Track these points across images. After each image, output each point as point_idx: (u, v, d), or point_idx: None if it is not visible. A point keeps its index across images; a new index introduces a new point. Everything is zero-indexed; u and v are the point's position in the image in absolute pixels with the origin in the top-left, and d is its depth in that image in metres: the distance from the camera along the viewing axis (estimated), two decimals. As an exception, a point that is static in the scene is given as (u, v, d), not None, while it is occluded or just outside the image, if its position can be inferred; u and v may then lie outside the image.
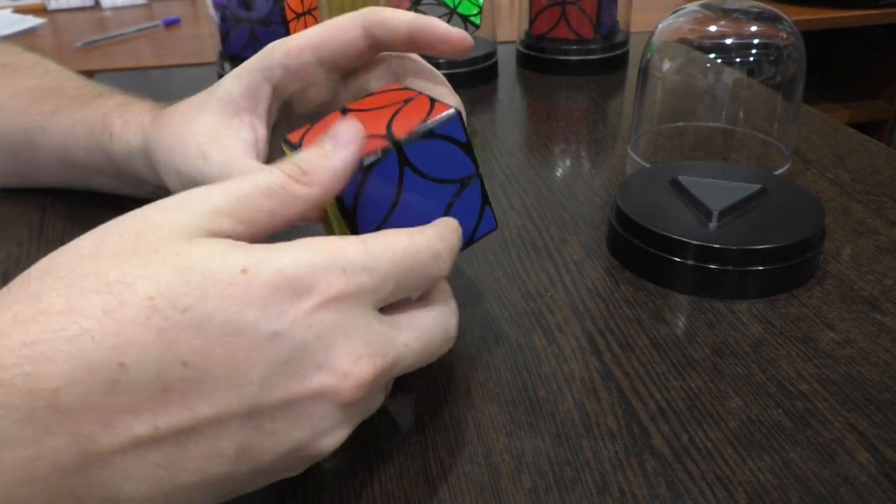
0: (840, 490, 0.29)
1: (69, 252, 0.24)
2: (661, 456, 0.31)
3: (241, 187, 0.25)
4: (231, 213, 0.25)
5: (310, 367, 0.24)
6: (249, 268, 0.23)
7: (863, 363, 0.35)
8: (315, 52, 0.35)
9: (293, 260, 0.24)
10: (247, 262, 0.23)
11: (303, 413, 0.24)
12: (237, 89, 0.36)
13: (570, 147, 0.61)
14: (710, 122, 0.59)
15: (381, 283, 0.26)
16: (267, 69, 0.36)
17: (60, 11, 1.40)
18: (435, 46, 0.34)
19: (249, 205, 0.25)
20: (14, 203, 0.53)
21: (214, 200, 0.25)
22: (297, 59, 0.35)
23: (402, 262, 0.26)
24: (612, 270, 0.43)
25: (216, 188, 0.25)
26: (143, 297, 0.22)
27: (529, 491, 0.29)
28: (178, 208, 0.25)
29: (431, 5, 0.73)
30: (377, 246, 0.26)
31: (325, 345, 0.24)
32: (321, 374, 0.24)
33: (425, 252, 0.27)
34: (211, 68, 0.79)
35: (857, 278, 0.42)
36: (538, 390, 0.34)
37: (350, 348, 0.24)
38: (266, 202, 0.26)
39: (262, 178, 0.26)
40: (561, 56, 0.77)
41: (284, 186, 0.26)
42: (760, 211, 0.43)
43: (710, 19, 0.55)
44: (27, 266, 0.25)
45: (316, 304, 0.24)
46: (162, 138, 0.39)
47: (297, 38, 0.35)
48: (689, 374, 0.35)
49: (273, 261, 0.24)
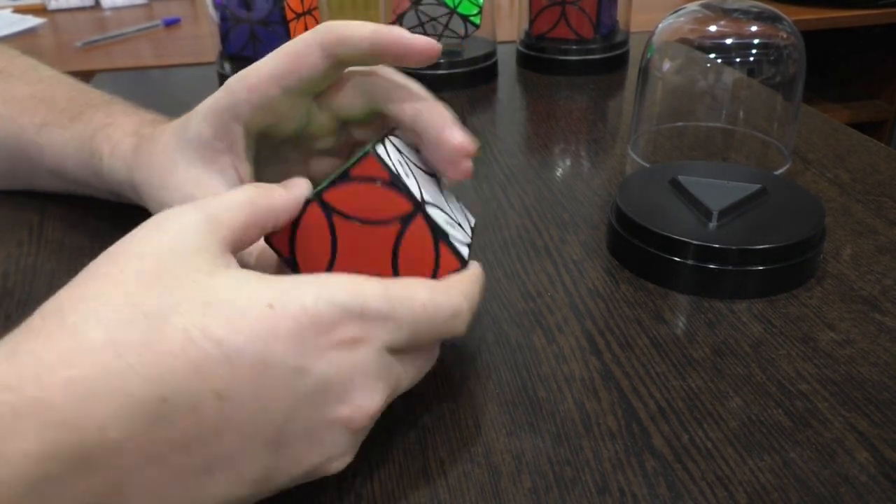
0: (840, 490, 0.29)
1: (96, 278, 0.24)
2: (661, 456, 0.31)
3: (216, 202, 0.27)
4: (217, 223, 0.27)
5: (331, 401, 0.26)
6: (275, 303, 0.24)
7: (863, 363, 0.35)
8: (278, 83, 0.33)
9: (315, 298, 0.25)
10: (271, 296, 0.25)
11: (319, 440, 0.26)
12: (208, 133, 0.35)
13: (569, 147, 0.61)
14: (709, 122, 0.59)
15: (396, 333, 0.27)
16: (232, 108, 0.34)
17: (60, 11, 1.40)
18: (401, 59, 0.32)
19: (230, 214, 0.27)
20: (14, 203, 0.53)
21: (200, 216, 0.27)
22: (260, 94, 0.33)
23: (420, 318, 0.27)
24: (611, 270, 0.43)
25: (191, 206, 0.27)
26: (178, 329, 0.23)
27: (529, 491, 0.29)
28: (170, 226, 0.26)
29: (431, 5, 0.73)
30: (399, 295, 0.27)
31: (344, 380, 0.26)
32: (341, 407, 0.26)
33: (445, 311, 0.28)
34: (211, 68, 0.79)
35: (857, 278, 0.42)
36: (538, 390, 0.34)
37: (366, 385, 0.26)
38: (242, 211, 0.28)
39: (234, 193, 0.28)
40: (561, 56, 0.77)
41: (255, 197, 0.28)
42: (760, 211, 0.43)
43: (710, 19, 0.55)
44: (27, 266, 0.25)
45: (335, 343, 0.25)
46: (147, 179, 0.38)
47: (256, 71, 0.34)
48: (689, 373, 0.35)
49: (297, 297, 0.25)
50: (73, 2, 1.40)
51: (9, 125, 0.48)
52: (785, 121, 0.56)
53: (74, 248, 0.47)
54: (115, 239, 0.26)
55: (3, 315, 0.41)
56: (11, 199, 0.53)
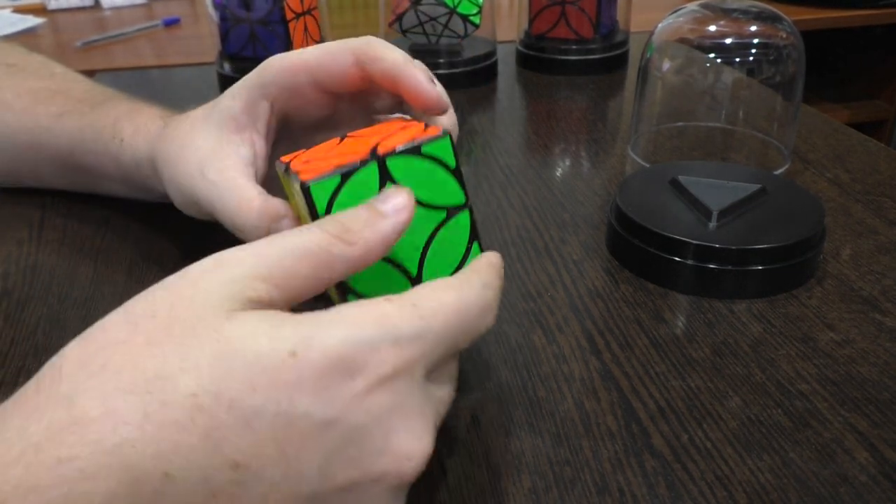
0: (840, 490, 0.29)
1: (101, 339, 0.22)
2: (660, 456, 0.31)
3: (275, 250, 0.24)
4: (266, 277, 0.23)
5: (371, 454, 0.23)
6: (297, 350, 0.21)
7: (862, 363, 0.35)
8: (309, 74, 0.34)
9: (343, 340, 0.22)
10: (294, 342, 0.22)
11: (361, 497, 0.23)
12: (237, 107, 0.36)
13: (569, 147, 0.61)
14: (709, 122, 0.59)
15: (433, 349, 0.24)
16: (263, 86, 0.35)
17: (60, 11, 1.40)
18: (412, 99, 0.32)
19: (285, 268, 0.23)
20: (14, 202, 0.53)
21: (247, 265, 0.23)
22: (291, 78, 0.35)
23: (455, 324, 0.25)
24: (611, 270, 0.43)
25: (248, 251, 0.24)
26: (186, 394, 0.20)
27: (529, 491, 0.29)
28: (207, 276, 0.23)
29: (431, 5, 0.73)
30: (428, 307, 0.24)
31: (385, 428, 0.23)
32: (383, 458, 0.23)
33: (476, 307, 0.25)
34: (211, 68, 0.79)
35: (857, 278, 0.42)
36: (538, 390, 0.34)
37: (409, 427, 0.23)
38: (303, 266, 0.24)
39: (298, 239, 0.24)
40: (561, 56, 0.77)
41: (324, 247, 0.24)
42: (760, 211, 0.43)
43: (710, 19, 0.55)
44: (27, 265, 0.24)
45: (369, 385, 0.22)
46: (166, 150, 0.39)
47: (292, 56, 0.35)
48: (689, 373, 0.35)
49: (322, 341, 0.22)
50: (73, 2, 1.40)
51: (21, 118, 0.48)
52: (785, 121, 0.56)
53: (75, 247, 0.47)
54: (115, 239, 0.26)
55: (3, 315, 0.41)
56: (12, 197, 0.53)
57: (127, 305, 0.23)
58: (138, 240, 0.47)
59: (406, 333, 0.23)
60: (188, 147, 0.37)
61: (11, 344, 0.38)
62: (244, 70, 0.36)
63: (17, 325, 0.40)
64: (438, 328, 0.24)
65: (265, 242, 0.24)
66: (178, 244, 0.46)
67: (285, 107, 0.36)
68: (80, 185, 0.51)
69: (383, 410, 0.23)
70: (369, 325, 0.23)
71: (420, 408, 0.24)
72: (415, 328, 0.23)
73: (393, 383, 0.23)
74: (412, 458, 0.23)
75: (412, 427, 0.23)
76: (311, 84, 0.35)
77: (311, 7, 0.74)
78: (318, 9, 0.75)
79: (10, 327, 0.40)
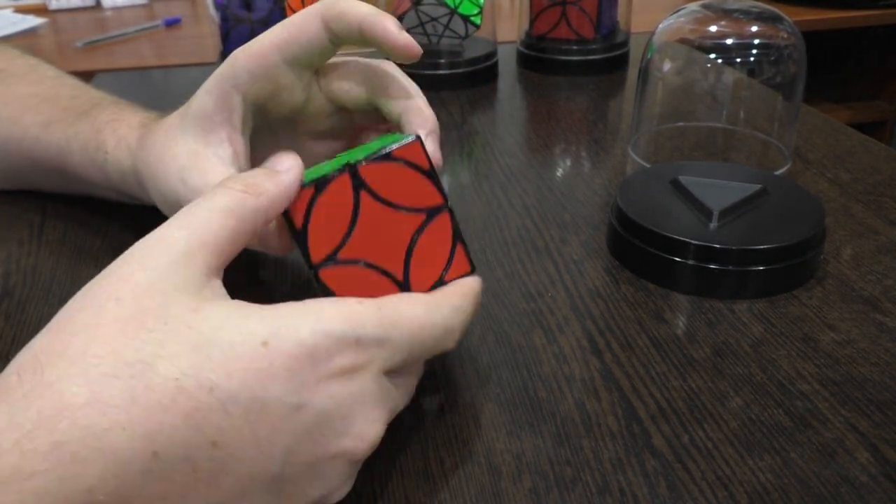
0: (840, 490, 0.29)
1: (70, 325, 0.23)
2: (661, 456, 0.31)
3: (195, 219, 0.26)
4: (200, 248, 0.25)
5: (331, 435, 0.25)
6: (269, 340, 0.23)
7: (863, 363, 0.35)
8: (280, 52, 0.34)
9: (312, 332, 0.24)
10: (265, 333, 0.23)
11: (321, 473, 0.25)
12: (209, 104, 0.36)
13: (570, 147, 0.61)
14: (710, 122, 0.59)
15: (392, 355, 0.26)
16: (233, 77, 0.35)
17: (61, 11, 1.40)
18: (382, 46, 0.33)
19: (214, 231, 0.25)
20: (14, 203, 0.53)
21: (181, 240, 0.25)
22: (260, 62, 0.34)
23: (416, 338, 0.27)
24: (612, 270, 0.43)
25: (175, 228, 0.25)
26: (168, 377, 0.22)
27: (530, 491, 0.29)
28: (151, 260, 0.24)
29: (432, 5, 0.73)
30: (392, 315, 0.26)
31: (344, 413, 0.25)
32: (342, 438, 0.25)
33: (440, 328, 0.27)
34: (211, 68, 0.79)
35: (858, 278, 0.42)
36: (538, 390, 0.34)
37: (366, 413, 0.26)
38: (228, 223, 0.26)
39: (216, 200, 0.26)
40: (561, 56, 0.77)
41: (238, 202, 0.26)
42: (761, 211, 0.43)
43: (711, 19, 0.55)
44: (27, 266, 0.24)
45: (333, 374, 0.24)
46: (146, 161, 0.39)
47: (258, 40, 0.34)
48: (690, 374, 0.35)
49: (292, 332, 0.24)
50: (73, 2, 1.41)
51: (10, 127, 0.48)
52: (785, 121, 0.56)
53: (75, 247, 0.47)
54: (115, 239, 0.26)
55: (3, 315, 0.41)
56: (12, 198, 0.53)
57: (82, 292, 0.24)
58: (139, 239, 0.47)
59: (369, 335, 0.25)
60: (166, 157, 0.37)
61: (12, 344, 0.38)
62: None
63: (18, 326, 0.40)
64: (399, 338, 0.26)
65: (188, 211, 0.26)
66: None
67: (259, 96, 0.35)
68: (75, 190, 0.50)
69: (344, 397, 0.25)
70: (338, 320, 0.25)
71: (375, 399, 0.26)
72: (377, 334, 0.25)
73: (353, 375, 0.25)
74: (365, 440, 0.26)
75: (368, 414, 0.26)
76: (283, 64, 0.34)
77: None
78: (318, 9, 0.75)
79: (10, 327, 0.40)
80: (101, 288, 0.24)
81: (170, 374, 0.22)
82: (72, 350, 0.22)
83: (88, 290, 0.24)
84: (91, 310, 0.23)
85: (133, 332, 0.22)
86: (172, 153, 0.37)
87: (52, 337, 0.23)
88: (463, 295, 0.29)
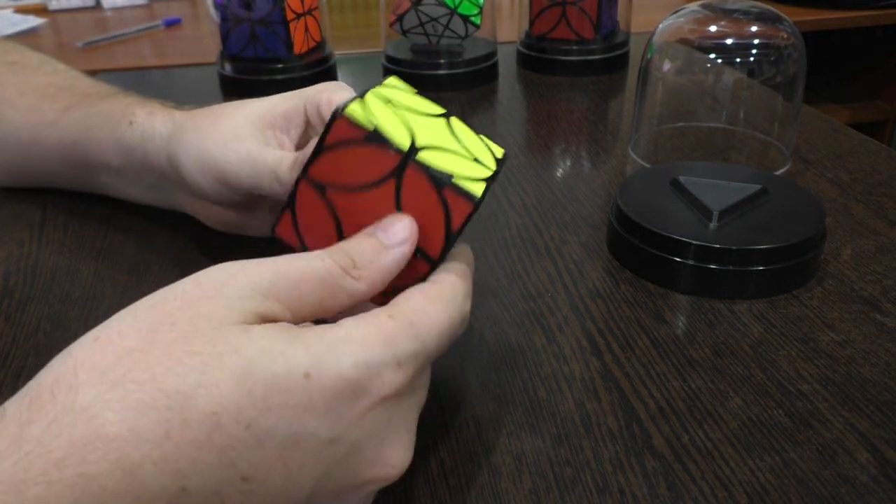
0: (840, 490, 0.29)
1: (119, 345, 0.22)
2: (661, 456, 0.31)
3: (290, 270, 0.25)
4: (279, 296, 0.24)
5: (363, 464, 0.24)
6: (312, 373, 0.22)
7: (863, 363, 0.35)
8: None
9: (354, 364, 0.23)
10: (309, 364, 0.23)
11: (346, 498, 0.25)
12: (280, 107, 0.37)
13: (570, 147, 0.61)
14: (710, 122, 0.59)
15: (425, 364, 0.26)
16: (310, 102, 0.37)
17: (61, 12, 1.40)
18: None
19: (298, 290, 0.24)
20: (15, 202, 0.53)
21: (264, 281, 0.24)
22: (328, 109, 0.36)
23: (444, 339, 0.26)
24: (612, 270, 0.43)
25: (264, 266, 0.24)
26: (206, 412, 0.21)
27: (529, 491, 0.29)
28: (223, 289, 0.23)
29: (432, 5, 0.73)
30: (424, 325, 0.25)
31: (377, 441, 0.24)
32: (374, 468, 0.25)
33: (459, 319, 0.27)
34: (211, 68, 0.79)
35: (858, 278, 0.42)
36: (538, 390, 0.34)
37: (398, 439, 0.25)
38: (314, 291, 0.25)
39: (312, 263, 0.25)
40: (561, 56, 0.77)
41: (335, 278, 0.25)
42: (761, 211, 0.43)
43: (711, 19, 0.55)
44: (28, 265, 0.24)
45: (371, 404, 0.24)
46: (194, 122, 0.40)
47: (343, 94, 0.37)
48: (690, 374, 0.35)
49: (335, 365, 0.23)
50: (74, 2, 1.41)
51: (26, 115, 0.49)
52: (785, 121, 0.56)
53: (76, 248, 0.47)
54: (116, 238, 0.26)
55: (3, 315, 0.41)
56: (13, 197, 0.53)
57: (141, 309, 0.23)
58: (139, 240, 0.47)
59: (406, 353, 0.24)
60: (223, 120, 0.38)
61: (13, 344, 0.38)
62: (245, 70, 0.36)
63: (19, 325, 0.40)
64: (432, 346, 0.25)
65: (281, 260, 0.25)
66: (179, 244, 0.46)
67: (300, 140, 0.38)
68: (75, 182, 0.51)
69: (379, 426, 0.24)
70: (377, 347, 0.24)
71: (405, 420, 0.25)
72: (413, 348, 0.25)
73: (391, 401, 0.24)
74: (397, 467, 0.25)
75: (400, 439, 0.25)
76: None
77: (312, 7, 0.74)
78: (318, 9, 0.75)
79: (11, 327, 0.40)
80: (161, 312, 0.23)
81: (208, 408, 0.21)
82: (112, 372, 0.21)
83: (147, 309, 0.23)
84: (144, 333, 0.22)
85: (178, 356, 0.21)
86: (232, 120, 0.38)
87: (95, 353, 0.21)
88: (466, 276, 0.28)
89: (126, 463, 0.20)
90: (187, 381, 0.21)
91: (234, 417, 0.21)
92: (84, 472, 0.19)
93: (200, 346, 0.22)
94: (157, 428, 0.20)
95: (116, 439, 0.20)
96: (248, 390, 0.21)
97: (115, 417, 0.20)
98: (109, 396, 0.20)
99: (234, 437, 0.21)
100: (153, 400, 0.20)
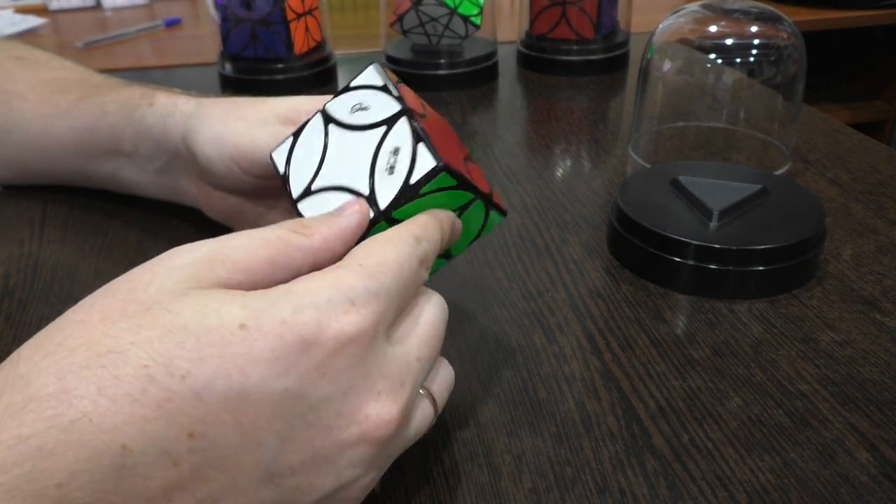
0: (840, 490, 0.29)
1: (60, 323, 0.22)
2: (661, 456, 0.31)
3: (236, 237, 0.25)
4: (225, 259, 0.24)
5: (329, 418, 0.23)
6: (248, 323, 0.22)
7: (863, 363, 0.35)
8: None
9: (295, 309, 0.22)
10: (244, 315, 0.22)
11: (326, 464, 0.23)
12: (304, 106, 0.38)
13: (570, 147, 0.61)
14: (710, 122, 0.59)
15: (388, 304, 0.24)
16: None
17: (62, 11, 1.40)
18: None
19: (245, 251, 0.24)
20: (15, 202, 0.53)
21: (206, 248, 0.24)
22: None
23: (401, 276, 0.25)
24: (612, 270, 0.43)
25: (209, 241, 0.24)
26: (138, 366, 0.21)
27: (530, 491, 0.29)
28: (166, 261, 0.24)
29: (432, 5, 0.73)
30: (375, 264, 0.25)
31: (342, 390, 0.23)
32: (341, 421, 0.23)
33: (415, 259, 0.26)
34: (212, 68, 0.79)
35: (858, 278, 0.42)
36: (538, 390, 0.34)
37: (368, 386, 0.23)
38: (263, 248, 0.25)
39: (261, 231, 0.25)
40: (561, 56, 0.77)
41: (281, 237, 0.25)
42: (761, 211, 0.43)
43: (711, 19, 0.55)
44: (28, 265, 0.24)
45: (329, 351, 0.23)
46: (219, 105, 0.40)
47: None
48: (690, 374, 0.35)
49: (273, 313, 0.22)
50: (74, 2, 1.41)
51: (38, 107, 0.49)
52: (785, 121, 0.56)
53: (76, 247, 0.47)
54: (116, 237, 0.26)
55: (3, 315, 0.41)
56: (14, 197, 0.53)
57: (91, 295, 0.24)
58: (140, 238, 0.47)
59: (359, 292, 0.23)
60: (249, 107, 0.39)
61: (13, 343, 0.38)
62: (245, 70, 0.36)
63: (19, 325, 0.40)
64: (388, 282, 0.24)
65: (229, 235, 0.25)
66: (180, 244, 0.46)
67: None
68: (78, 173, 0.50)
69: (341, 372, 0.23)
70: (323, 290, 0.23)
71: (379, 367, 0.24)
72: (365, 285, 0.24)
73: (351, 347, 0.23)
74: (370, 418, 0.23)
75: (370, 386, 0.24)
76: None
77: (313, 7, 0.74)
78: (319, 9, 0.75)
79: (11, 327, 0.40)
80: (102, 288, 0.23)
81: (139, 363, 0.21)
82: (49, 343, 0.21)
83: (95, 292, 0.24)
84: (83, 307, 0.23)
85: (113, 321, 0.21)
86: (256, 109, 0.39)
87: (39, 335, 0.22)
88: (424, 224, 0.28)
89: (62, 420, 0.20)
90: (120, 342, 0.21)
91: (167, 370, 0.21)
92: (20, 434, 0.19)
93: (135, 310, 0.22)
94: (89, 385, 0.20)
95: (49, 399, 0.20)
96: (179, 342, 0.21)
97: (49, 381, 0.20)
98: (44, 363, 0.21)
99: (170, 390, 0.21)
100: (86, 361, 0.21)
